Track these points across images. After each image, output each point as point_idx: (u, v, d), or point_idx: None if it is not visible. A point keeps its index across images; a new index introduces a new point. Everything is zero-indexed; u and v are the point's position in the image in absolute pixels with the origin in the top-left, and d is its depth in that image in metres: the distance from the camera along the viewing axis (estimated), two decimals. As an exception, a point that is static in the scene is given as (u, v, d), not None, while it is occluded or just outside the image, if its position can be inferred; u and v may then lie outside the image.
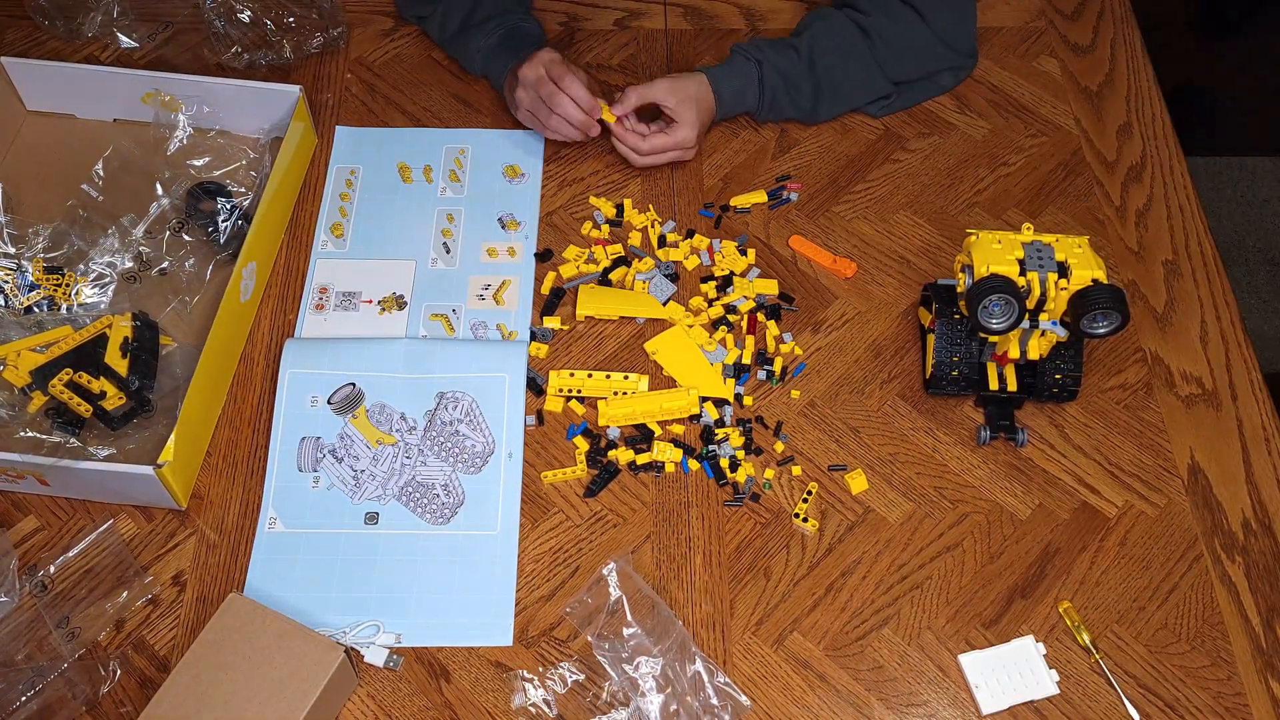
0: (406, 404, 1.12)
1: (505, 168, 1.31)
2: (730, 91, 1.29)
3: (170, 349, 1.15)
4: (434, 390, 1.13)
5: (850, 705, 0.98)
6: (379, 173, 1.31)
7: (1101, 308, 1.00)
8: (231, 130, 1.31)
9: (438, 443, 1.11)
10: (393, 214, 1.28)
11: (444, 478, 1.09)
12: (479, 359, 1.15)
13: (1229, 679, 1.00)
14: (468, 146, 1.33)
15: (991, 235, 1.06)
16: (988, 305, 1.02)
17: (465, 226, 1.27)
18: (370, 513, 1.07)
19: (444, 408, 1.12)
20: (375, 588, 1.04)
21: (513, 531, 1.07)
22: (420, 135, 1.34)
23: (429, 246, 1.25)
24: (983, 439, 1.11)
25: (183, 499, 1.07)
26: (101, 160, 1.25)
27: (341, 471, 1.09)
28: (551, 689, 0.97)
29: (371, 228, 1.27)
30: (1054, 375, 1.10)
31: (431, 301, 1.21)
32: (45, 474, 1.04)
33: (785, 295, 1.21)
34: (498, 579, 1.04)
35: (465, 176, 1.31)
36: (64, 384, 1.08)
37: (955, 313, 1.11)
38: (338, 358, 1.14)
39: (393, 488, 1.09)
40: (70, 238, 1.20)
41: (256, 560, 1.05)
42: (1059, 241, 1.05)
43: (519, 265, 1.24)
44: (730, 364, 1.16)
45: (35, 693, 0.95)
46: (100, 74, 1.31)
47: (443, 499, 1.08)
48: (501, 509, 1.08)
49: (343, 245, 1.25)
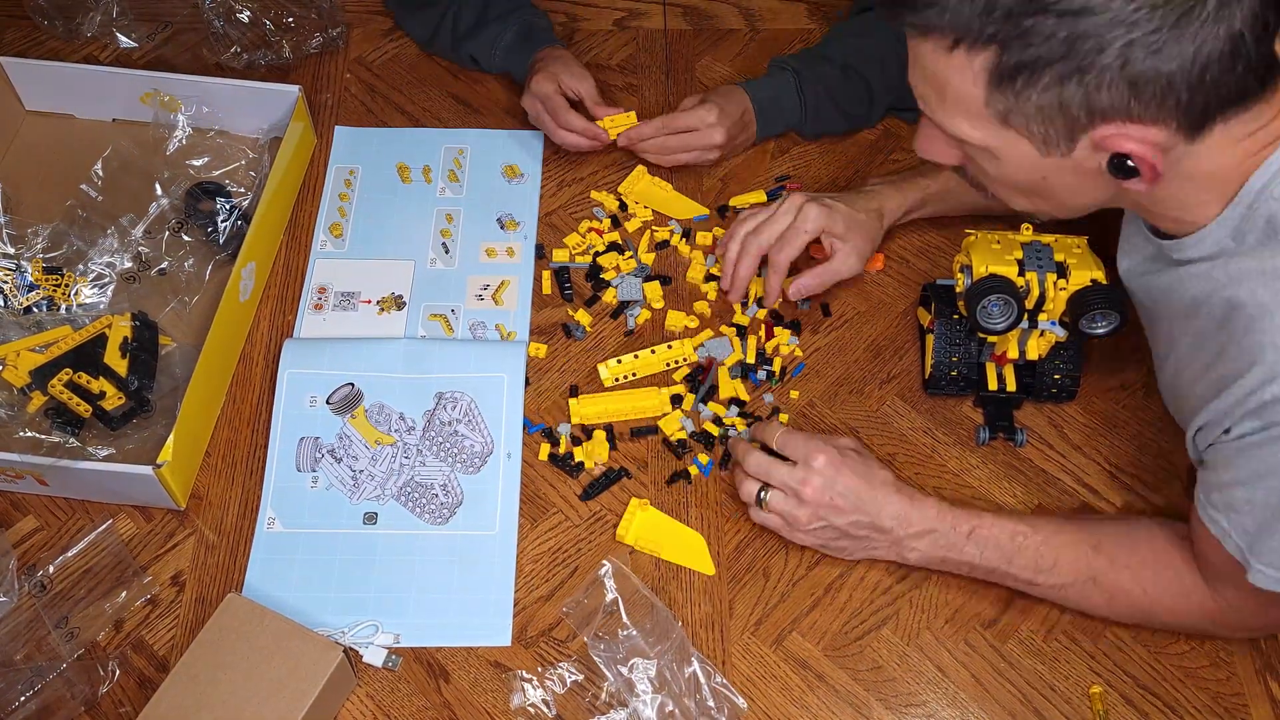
0: (405, 404, 1.12)
1: (504, 167, 1.31)
2: (766, 99, 1.28)
3: (169, 349, 1.15)
4: (433, 390, 1.13)
5: (849, 705, 0.98)
6: (378, 173, 1.31)
7: (1100, 308, 1.00)
8: (231, 130, 1.31)
9: (436, 443, 1.11)
10: (391, 214, 1.28)
11: (443, 478, 1.09)
12: (478, 359, 1.15)
13: (1229, 679, 0.99)
14: (467, 146, 1.33)
15: (990, 235, 1.06)
16: (987, 306, 1.02)
17: (464, 227, 1.27)
18: (369, 513, 1.07)
19: (443, 408, 1.12)
20: (374, 587, 1.03)
21: (511, 532, 1.07)
22: (419, 135, 1.34)
23: (428, 247, 1.25)
24: (982, 439, 1.11)
25: (182, 499, 1.07)
26: (101, 160, 1.25)
27: (340, 471, 1.09)
28: (550, 689, 0.97)
29: (370, 228, 1.27)
30: (1053, 375, 1.10)
31: (430, 301, 1.21)
32: (44, 474, 1.04)
33: (824, 307, 1.21)
34: (496, 579, 1.04)
35: (464, 176, 1.31)
36: (63, 384, 1.08)
37: (954, 313, 1.11)
38: (336, 358, 1.14)
39: (391, 488, 1.09)
40: (69, 238, 1.20)
41: (255, 560, 1.05)
42: (1058, 242, 1.04)
43: (518, 265, 1.24)
44: (733, 365, 1.16)
45: (34, 693, 0.95)
46: (99, 74, 1.31)
47: (441, 499, 1.08)
48: (500, 509, 1.08)
49: (342, 245, 1.25)
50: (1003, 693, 0.99)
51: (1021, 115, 0.81)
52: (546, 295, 1.22)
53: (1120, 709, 0.98)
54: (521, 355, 1.15)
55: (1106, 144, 0.80)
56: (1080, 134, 0.80)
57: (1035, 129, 0.81)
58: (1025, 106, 0.80)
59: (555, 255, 1.24)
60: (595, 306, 1.21)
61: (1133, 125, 0.78)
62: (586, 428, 1.13)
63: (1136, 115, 0.77)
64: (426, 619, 1.02)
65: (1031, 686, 0.99)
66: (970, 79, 0.80)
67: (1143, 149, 0.79)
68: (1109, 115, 0.78)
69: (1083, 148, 0.81)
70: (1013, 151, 0.84)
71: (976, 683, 0.99)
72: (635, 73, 1.41)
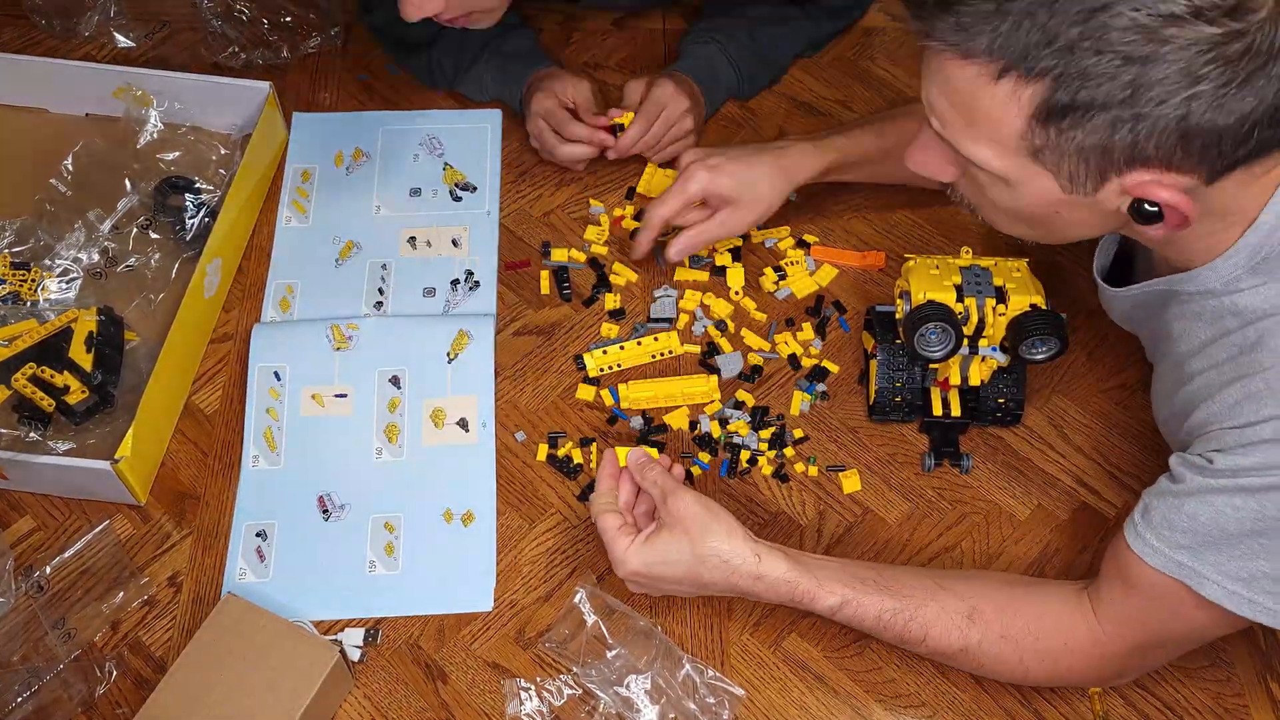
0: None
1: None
2: (706, 76, 1.29)
3: (134, 344, 1.15)
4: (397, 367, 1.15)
5: (849, 706, 0.98)
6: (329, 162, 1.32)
7: (1039, 334, 0.98)
8: (204, 126, 1.30)
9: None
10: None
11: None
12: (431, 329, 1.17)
13: (1229, 680, 0.99)
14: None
15: (929, 260, 1.04)
16: (924, 333, 1.00)
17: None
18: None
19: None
20: (355, 569, 1.04)
21: (489, 498, 1.08)
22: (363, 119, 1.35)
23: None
24: (928, 466, 1.10)
25: (141, 495, 1.07)
26: (71, 155, 1.25)
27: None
28: (549, 700, 0.97)
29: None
30: (997, 399, 1.08)
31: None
32: (5, 468, 1.03)
33: (839, 304, 1.21)
34: (478, 547, 1.05)
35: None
36: (27, 378, 1.07)
37: (896, 338, 1.07)
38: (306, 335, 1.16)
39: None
40: (37, 232, 1.20)
41: (233, 553, 1.05)
42: (997, 265, 1.03)
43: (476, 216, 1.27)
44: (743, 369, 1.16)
45: (31, 694, 0.95)
46: (72, 68, 1.31)
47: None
48: (477, 476, 1.09)
49: (305, 220, 1.27)
50: (1003, 693, 0.99)
51: (1056, 153, 0.77)
52: (545, 295, 1.22)
53: (1120, 710, 0.98)
54: (490, 320, 1.17)
55: (1136, 190, 0.78)
56: (1111, 176, 0.78)
57: (1065, 167, 0.78)
58: (1065, 145, 0.77)
59: (555, 254, 1.24)
60: (593, 306, 1.21)
61: (1168, 174, 0.76)
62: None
63: (1177, 165, 0.75)
64: (411, 591, 1.03)
65: (1032, 687, 0.99)
66: (1014, 110, 0.76)
67: (1176, 198, 0.77)
68: (1150, 163, 0.76)
69: (1110, 190, 0.79)
70: (1031, 185, 0.81)
71: (976, 684, 0.99)
72: (634, 72, 1.40)
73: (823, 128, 1.34)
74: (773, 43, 1.35)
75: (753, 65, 1.34)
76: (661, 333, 1.16)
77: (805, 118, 1.35)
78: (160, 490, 1.09)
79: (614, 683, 0.96)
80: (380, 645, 1.01)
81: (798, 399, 1.14)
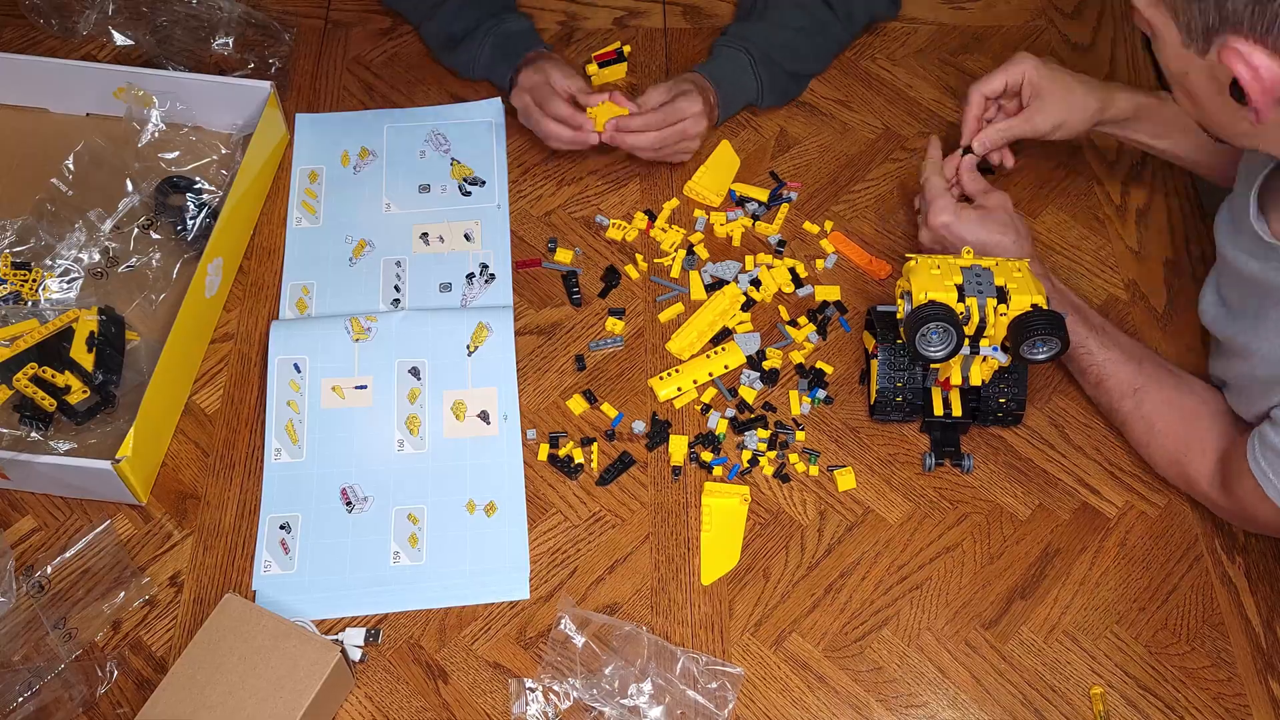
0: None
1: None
2: (727, 82, 1.29)
3: (136, 344, 1.15)
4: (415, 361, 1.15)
5: (849, 706, 0.98)
6: (336, 162, 1.31)
7: (1040, 334, 0.98)
8: (205, 126, 1.30)
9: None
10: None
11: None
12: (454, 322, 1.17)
13: (1229, 680, 0.99)
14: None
15: (931, 260, 1.04)
16: (926, 333, 1.00)
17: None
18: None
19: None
20: (379, 561, 1.05)
21: (517, 488, 1.08)
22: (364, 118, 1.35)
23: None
24: (928, 465, 1.10)
25: (143, 495, 1.07)
26: (72, 155, 1.25)
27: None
28: (554, 703, 0.97)
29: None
30: (998, 399, 1.08)
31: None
32: (5, 468, 1.03)
33: (840, 305, 1.21)
34: (505, 536, 1.05)
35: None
36: (29, 378, 1.07)
37: (897, 338, 1.08)
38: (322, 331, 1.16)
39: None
40: (38, 232, 1.20)
41: (260, 551, 1.05)
42: (999, 266, 1.03)
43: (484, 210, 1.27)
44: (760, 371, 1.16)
45: (32, 694, 0.95)
46: (73, 68, 1.31)
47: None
48: (507, 467, 1.09)
49: (316, 220, 1.27)
50: (1003, 693, 0.99)
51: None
52: (548, 295, 1.22)
53: (1121, 710, 0.98)
54: (509, 314, 1.17)
55: (1227, 58, 0.81)
56: (1214, 37, 0.81)
57: (1181, 11, 0.82)
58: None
59: (559, 256, 1.24)
60: (593, 306, 1.21)
61: (1257, 49, 0.79)
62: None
63: (1257, 33, 0.78)
64: (444, 582, 1.04)
65: (1032, 687, 0.99)
66: None
67: (1250, 76, 0.80)
68: (1236, 26, 0.79)
69: (1214, 55, 0.82)
70: (1165, 32, 0.85)
71: (977, 683, 0.99)
72: (634, 72, 1.40)
73: (822, 128, 1.34)
74: (801, 58, 1.34)
75: (778, 81, 1.32)
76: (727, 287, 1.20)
77: (805, 117, 1.35)
78: (161, 490, 1.09)
79: (616, 695, 0.96)
80: (381, 645, 1.01)
81: (795, 398, 1.14)
